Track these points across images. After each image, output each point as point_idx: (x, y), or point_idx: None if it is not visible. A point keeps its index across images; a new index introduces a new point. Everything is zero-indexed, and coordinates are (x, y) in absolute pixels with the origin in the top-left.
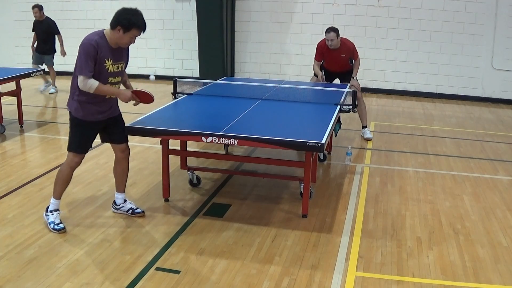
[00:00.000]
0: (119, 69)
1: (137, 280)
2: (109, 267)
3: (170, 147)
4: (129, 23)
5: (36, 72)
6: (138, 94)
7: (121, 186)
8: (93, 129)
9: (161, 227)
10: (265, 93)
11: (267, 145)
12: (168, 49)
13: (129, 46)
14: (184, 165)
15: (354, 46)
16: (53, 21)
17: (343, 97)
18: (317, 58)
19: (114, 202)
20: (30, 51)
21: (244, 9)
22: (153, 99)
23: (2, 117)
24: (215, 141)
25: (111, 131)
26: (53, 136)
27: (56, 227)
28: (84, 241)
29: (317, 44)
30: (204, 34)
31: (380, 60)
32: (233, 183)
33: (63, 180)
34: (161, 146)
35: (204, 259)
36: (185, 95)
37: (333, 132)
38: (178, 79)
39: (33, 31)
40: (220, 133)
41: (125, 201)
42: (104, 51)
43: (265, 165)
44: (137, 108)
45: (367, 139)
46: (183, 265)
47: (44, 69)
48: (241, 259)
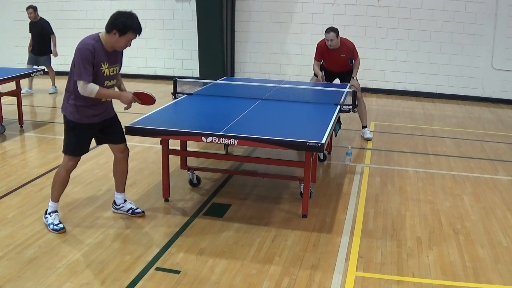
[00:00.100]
0: (114, 72)
1: (137, 280)
2: (109, 267)
3: (170, 147)
4: (125, 26)
5: (36, 72)
6: (139, 95)
7: (120, 186)
8: (88, 131)
9: (161, 227)
10: (265, 93)
11: (267, 145)
12: (168, 49)
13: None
14: (184, 165)
15: (354, 46)
16: (47, 21)
17: (343, 97)
18: (317, 58)
19: (114, 202)
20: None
21: (244, 9)
22: (155, 100)
23: (2, 117)
24: (215, 141)
25: (108, 132)
26: (53, 136)
27: (56, 227)
28: (84, 241)
29: (317, 44)
30: (204, 34)
31: (380, 60)
32: (233, 183)
33: (60, 183)
34: (161, 146)
35: (204, 259)
36: (185, 95)
37: (333, 132)
38: (178, 79)
39: (30, 32)
40: (220, 133)
41: (125, 201)
42: (100, 55)
43: (265, 165)
44: (137, 108)
45: (367, 139)
46: (183, 265)
47: (44, 69)
48: (241, 259)
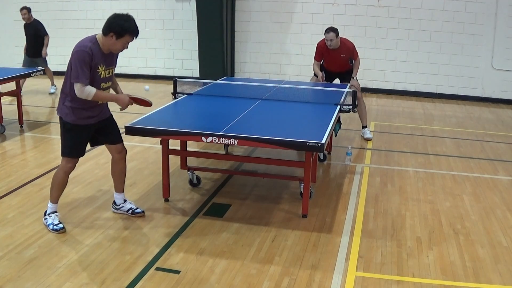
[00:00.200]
0: (110, 74)
1: (137, 280)
2: (109, 267)
3: (170, 147)
4: (122, 29)
5: (37, 71)
6: (135, 100)
7: (120, 187)
8: (85, 133)
9: (161, 227)
10: (265, 93)
11: (267, 145)
12: (168, 49)
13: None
14: (184, 165)
15: (354, 46)
16: (41, 23)
17: (343, 97)
18: (316, 58)
19: (114, 202)
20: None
21: (244, 9)
22: (151, 104)
23: (2, 117)
24: (215, 141)
25: (105, 133)
26: (53, 136)
27: (56, 227)
28: (84, 241)
29: (317, 44)
30: (204, 34)
31: (380, 60)
32: (233, 183)
33: (58, 185)
34: (161, 146)
35: (204, 259)
36: (185, 95)
37: (333, 132)
38: (178, 79)
39: (25, 34)
40: (220, 133)
41: (125, 201)
42: (98, 57)
43: (265, 165)
44: (137, 108)
45: (367, 139)
46: (183, 265)
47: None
48: (241, 259)
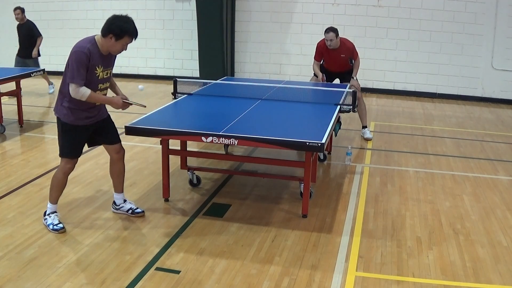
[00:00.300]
0: (108, 75)
1: (137, 280)
2: (109, 267)
3: (170, 147)
4: (121, 31)
5: (36, 72)
6: (128, 104)
7: (119, 187)
8: (83, 133)
9: (161, 227)
10: (265, 93)
11: (267, 145)
12: (168, 49)
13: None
14: (184, 165)
15: (354, 46)
16: (34, 23)
17: (343, 97)
18: (316, 58)
19: (114, 202)
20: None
21: (244, 9)
22: (145, 106)
23: (2, 117)
24: (215, 141)
25: (103, 133)
26: (53, 136)
27: (56, 227)
28: (84, 241)
29: (317, 44)
30: (204, 34)
31: (380, 60)
32: (233, 183)
33: (58, 186)
34: (161, 146)
35: (204, 259)
36: (185, 95)
37: (333, 132)
38: (178, 79)
39: (18, 35)
40: (220, 133)
41: (125, 201)
42: (96, 59)
43: (265, 165)
44: (137, 108)
45: (367, 139)
46: (183, 265)
47: (44, 69)
48: (241, 259)
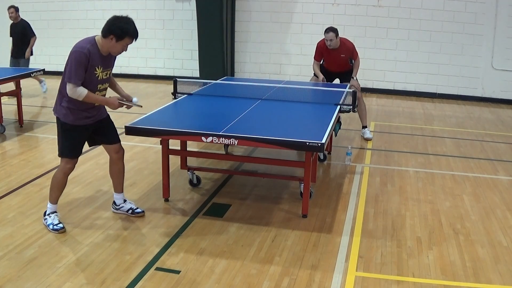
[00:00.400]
0: (107, 75)
1: (137, 280)
2: (109, 267)
3: (170, 147)
4: (122, 31)
5: (36, 72)
6: (124, 105)
7: (119, 187)
8: (83, 133)
9: (161, 227)
10: (265, 93)
11: (267, 145)
12: (168, 49)
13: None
14: (184, 165)
15: (354, 46)
16: (28, 23)
17: (343, 97)
18: (316, 58)
19: (114, 203)
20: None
21: (244, 9)
22: (141, 106)
23: (2, 117)
24: (215, 141)
25: (102, 133)
26: (53, 136)
27: (56, 227)
28: (84, 241)
29: (317, 44)
30: (204, 34)
31: (380, 60)
32: (233, 183)
33: (58, 186)
34: (161, 146)
35: (204, 259)
36: (185, 95)
37: (333, 132)
38: (178, 79)
39: (10, 36)
40: (220, 133)
41: (124, 201)
42: (95, 59)
43: (265, 165)
44: (137, 108)
45: (367, 139)
46: (183, 265)
47: (44, 69)
48: (241, 259)
